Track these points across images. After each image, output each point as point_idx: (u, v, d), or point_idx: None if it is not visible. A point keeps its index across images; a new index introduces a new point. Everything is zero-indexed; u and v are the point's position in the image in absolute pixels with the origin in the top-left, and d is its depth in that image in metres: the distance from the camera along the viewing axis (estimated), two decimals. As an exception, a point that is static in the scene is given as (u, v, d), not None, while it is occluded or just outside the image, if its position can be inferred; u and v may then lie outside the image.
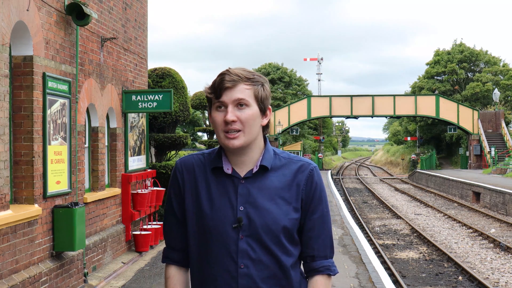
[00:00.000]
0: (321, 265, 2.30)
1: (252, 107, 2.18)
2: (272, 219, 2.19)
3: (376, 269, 9.76)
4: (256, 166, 2.24)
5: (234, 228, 2.18)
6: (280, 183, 2.24)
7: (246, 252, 2.18)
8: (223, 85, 2.16)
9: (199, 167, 2.29)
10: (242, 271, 2.17)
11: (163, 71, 14.16)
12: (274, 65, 68.44)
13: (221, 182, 2.24)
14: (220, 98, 2.17)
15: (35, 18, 6.92)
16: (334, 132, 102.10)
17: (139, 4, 11.85)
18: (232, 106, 2.16)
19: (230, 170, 2.24)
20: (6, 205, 6.18)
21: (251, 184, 2.22)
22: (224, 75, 2.17)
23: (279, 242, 2.20)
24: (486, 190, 24.47)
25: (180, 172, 2.31)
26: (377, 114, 44.54)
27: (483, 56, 58.72)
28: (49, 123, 7.27)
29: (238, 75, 2.17)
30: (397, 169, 68.03)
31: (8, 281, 6.12)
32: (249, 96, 2.17)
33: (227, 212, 2.20)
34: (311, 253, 2.29)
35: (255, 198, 2.20)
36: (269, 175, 2.24)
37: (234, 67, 2.22)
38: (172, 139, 13.76)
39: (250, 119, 2.17)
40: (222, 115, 2.17)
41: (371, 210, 24.39)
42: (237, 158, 2.24)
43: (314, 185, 2.27)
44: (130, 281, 8.91)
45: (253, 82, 2.19)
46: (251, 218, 2.18)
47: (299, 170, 2.27)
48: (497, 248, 14.93)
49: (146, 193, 11.01)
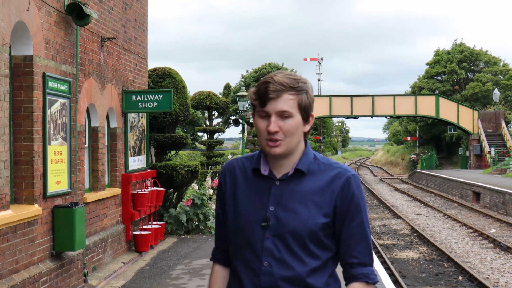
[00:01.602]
0: (359, 272, 2.29)
1: (295, 118, 2.19)
2: (300, 222, 2.21)
3: (376, 269, 9.77)
4: (292, 170, 2.27)
5: (262, 227, 2.23)
6: (314, 187, 2.26)
7: (270, 251, 2.21)
8: (267, 95, 2.16)
9: (241, 169, 2.36)
10: (265, 269, 2.21)
11: (163, 71, 14.15)
12: (274, 65, 68.45)
13: (257, 183, 2.30)
14: (264, 107, 2.18)
15: (35, 18, 6.92)
16: (334, 132, 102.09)
17: (139, 4, 11.85)
18: (275, 117, 2.17)
19: (267, 171, 2.29)
20: (6, 205, 6.18)
21: (285, 186, 2.26)
22: (268, 84, 2.17)
23: (304, 244, 2.22)
24: (486, 190, 24.48)
25: (223, 175, 2.40)
26: (377, 114, 44.54)
27: (483, 56, 58.70)
28: (49, 123, 7.28)
29: (282, 85, 2.16)
30: (397, 169, 68.04)
31: (8, 281, 6.12)
32: (292, 107, 2.18)
33: (258, 211, 2.25)
34: (350, 261, 2.30)
35: (286, 200, 2.24)
36: (305, 179, 2.27)
37: (279, 73, 2.19)
38: (172, 139, 13.76)
39: (292, 130, 2.20)
40: (265, 124, 2.19)
41: (371, 210, 24.40)
42: (276, 162, 2.28)
43: (351, 193, 2.26)
44: (130, 281, 8.91)
45: (298, 91, 2.19)
46: (279, 218, 2.22)
47: (336, 176, 2.27)
48: (497, 248, 14.93)
49: (146, 193, 11.01)
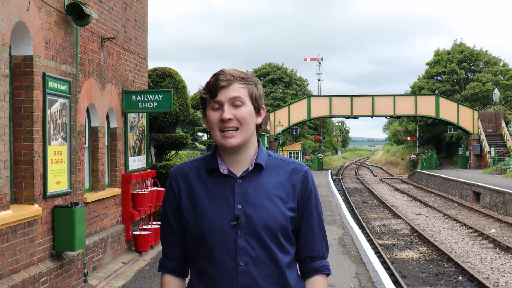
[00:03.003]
0: (320, 264, 2.34)
1: (247, 105, 2.21)
2: (270, 217, 2.21)
3: (376, 269, 9.75)
4: (252, 165, 2.26)
5: (233, 226, 2.19)
6: (276, 182, 2.26)
7: (245, 249, 2.19)
8: (218, 84, 2.19)
9: (194, 172, 2.31)
10: (241, 268, 2.18)
11: (163, 71, 14.15)
12: (274, 65, 68.46)
13: (218, 183, 2.26)
14: (215, 97, 2.20)
15: (35, 18, 6.92)
16: (334, 132, 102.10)
17: (139, 4, 11.85)
18: (228, 105, 2.19)
19: (226, 170, 2.26)
20: (6, 205, 6.18)
21: (247, 183, 2.24)
22: (218, 75, 2.21)
23: (277, 240, 2.22)
24: (486, 190, 24.48)
25: (175, 180, 2.32)
26: (377, 114, 44.57)
27: (483, 56, 58.73)
28: (49, 123, 7.27)
29: (232, 75, 2.21)
30: (397, 169, 68.06)
31: (8, 281, 6.12)
32: (244, 95, 2.21)
33: (225, 211, 2.21)
34: (310, 254, 2.33)
35: (252, 196, 2.22)
36: (264, 174, 2.27)
37: (228, 68, 2.27)
38: (172, 139, 13.76)
39: (247, 117, 2.20)
40: (218, 114, 2.19)
41: (371, 210, 24.39)
42: (232, 158, 2.26)
43: (310, 188, 2.31)
44: (130, 281, 8.91)
45: (247, 81, 2.24)
46: (249, 216, 2.20)
47: (293, 171, 2.30)
48: (497, 248, 14.93)
49: (146, 193, 11.01)
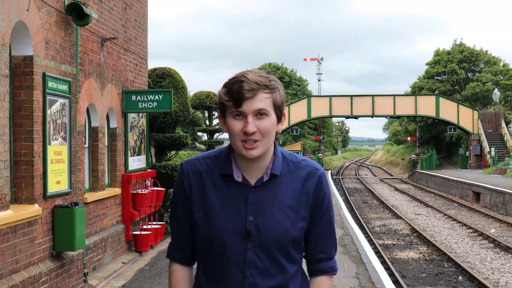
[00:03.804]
0: (327, 266, 2.32)
1: (271, 117, 2.12)
2: (282, 230, 2.16)
3: (376, 269, 9.76)
4: (267, 175, 2.19)
5: (243, 238, 2.15)
6: (290, 191, 2.21)
7: (253, 262, 2.15)
8: (243, 95, 2.07)
9: (207, 172, 2.23)
10: (248, 280, 2.15)
11: (163, 71, 14.15)
12: (274, 65, 68.44)
13: (231, 189, 2.19)
14: (239, 107, 2.09)
15: (35, 18, 6.92)
16: (334, 132, 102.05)
17: (139, 4, 11.85)
18: (251, 116, 2.09)
19: (241, 177, 2.19)
20: (6, 205, 6.18)
21: (261, 193, 2.18)
22: (242, 83, 2.08)
23: (286, 252, 2.19)
24: (486, 190, 24.47)
25: (186, 178, 2.25)
26: (377, 114, 44.53)
27: (483, 56, 58.69)
28: (49, 123, 7.27)
29: (257, 83, 2.09)
30: (397, 169, 68.02)
31: (8, 281, 6.12)
32: (268, 106, 2.11)
33: (236, 221, 2.16)
34: (318, 256, 2.31)
35: (264, 208, 2.17)
36: (279, 182, 2.21)
37: (250, 72, 2.13)
38: (172, 139, 13.76)
39: (270, 129, 2.12)
40: (240, 125, 2.10)
41: (371, 210, 24.39)
42: (248, 165, 2.19)
43: (323, 193, 2.27)
44: (130, 281, 8.91)
45: (271, 88, 2.12)
46: (260, 228, 2.15)
47: (307, 176, 2.24)
48: (497, 248, 14.93)
49: (146, 193, 11.01)
